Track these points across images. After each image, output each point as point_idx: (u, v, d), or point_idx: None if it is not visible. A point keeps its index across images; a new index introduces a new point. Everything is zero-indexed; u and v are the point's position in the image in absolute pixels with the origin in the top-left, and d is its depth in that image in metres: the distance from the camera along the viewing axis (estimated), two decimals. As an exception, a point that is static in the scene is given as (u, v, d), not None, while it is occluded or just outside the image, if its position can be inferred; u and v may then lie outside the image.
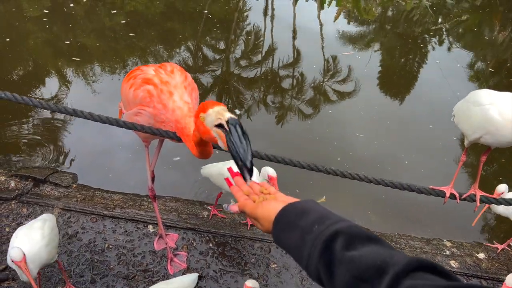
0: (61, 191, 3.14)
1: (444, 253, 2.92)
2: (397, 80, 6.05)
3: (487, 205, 2.75)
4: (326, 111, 4.97)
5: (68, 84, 4.91)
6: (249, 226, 3.00)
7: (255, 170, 2.78)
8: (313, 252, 0.74)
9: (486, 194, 1.94)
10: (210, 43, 6.36)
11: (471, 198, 1.94)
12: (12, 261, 1.93)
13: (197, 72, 5.42)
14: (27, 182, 3.17)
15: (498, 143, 1.83)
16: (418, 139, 4.52)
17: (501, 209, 2.76)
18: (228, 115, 1.16)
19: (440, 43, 7.42)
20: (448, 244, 3.01)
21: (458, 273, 2.80)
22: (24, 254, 1.95)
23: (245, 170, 1.02)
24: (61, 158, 3.90)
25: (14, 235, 2.15)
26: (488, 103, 1.79)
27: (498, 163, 4.26)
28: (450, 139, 4.48)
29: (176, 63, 5.50)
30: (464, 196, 1.95)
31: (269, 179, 2.56)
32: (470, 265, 2.86)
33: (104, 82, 4.96)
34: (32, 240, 2.11)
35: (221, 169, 2.77)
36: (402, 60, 6.74)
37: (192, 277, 2.43)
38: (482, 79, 6.24)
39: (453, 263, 2.85)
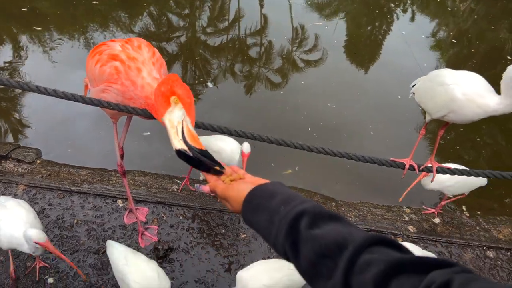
0: (24, 167, 3.07)
1: (403, 219, 3.10)
2: (368, 51, 6.14)
3: (417, 180, 2.82)
4: (297, 81, 5.00)
5: (25, 54, 4.68)
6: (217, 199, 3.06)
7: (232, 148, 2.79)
8: (280, 231, 0.79)
9: (441, 165, 2.06)
10: (175, 10, 6.18)
11: (428, 169, 2.06)
12: (36, 242, 1.96)
13: (161, 39, 5.28)
14: (-13, 159, 3.08)
15: (461, 120, 1.94)
16: (386, 109, 4.65)
17: (432, 185, 2.87)
18: (177, 144, 1.10)
19: (404, 11, 7.53)
20: (407, 210, 3.19)
21: (415, 237, 3.00)
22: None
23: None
24: (22, 132, 3.78)
25: None
26: (452, 83, 1.87)
27: (455, 133, 4.48)
28: (416, 110, 4.64)
29: (139, 31, 5.34)
30: (422, 167, 2.06)
31: (242, 154, 2.63)
32: (426, 229, 3.06)
33: (65, 51, 4.76)
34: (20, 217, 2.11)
35: (206, 141, 2.80)
36: (369, 27, 6.82)
37: None
38: (444, 50, 6.44)
39: (411, 228, 3.04)
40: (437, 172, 2.06)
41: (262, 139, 2.01)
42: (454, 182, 2.87)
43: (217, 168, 1.02)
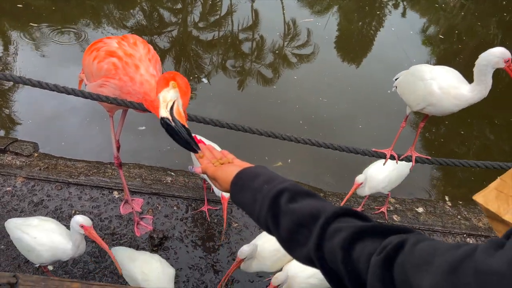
0: (22, 160, 3.15)
1: (388, 209, 3.24)
2: (359, 47, 6.24)
3: (351, 191, 2.86)
4: (290, 76, 5.10)
5: (22, 49, 4.73)
6: (211, 189, 3.17)
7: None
8: (263, 207, 0.90)
9: (420, 155, 2.19)
10: (166, 5, 6.25)
11: (408, 159, 2.19)
12: (82, 226, 2.06)
13: (154, 34, 5.35)
14: (-14, 152, 3.16)
15: (439, 112, 2.07)
16: (376, 103, 4.76)
17: (368, 191, 2.89)
18: (163, 112, 1.21)
19: (396, 6, 7.66)
20: (392, 200, 3.33)
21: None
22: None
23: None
24: (18, 126, 3.85)
25: (28, 238, 2.18)
26: (430, 78, 2.00)
27: (443, 126, 4.63)
28: (404, 104, 4.76)
29: (132, 26, 5.39)
30: (402, 157, 2.19)
31: (222, 198, 2.63)
32: (410, 218, 3.20)
33: (61, 46, 4.82)
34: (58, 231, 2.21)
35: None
36: (360, 23, 6.93)
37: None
38: (433, 46, 6.57)
39: (395, 217, 3.19)
40: (417, 161, 2.19)
41: (252, 131, 2.12)
42: (387, 182, 2.86)
43: (193, 146, 1.13)
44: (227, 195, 2.62)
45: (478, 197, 1.25)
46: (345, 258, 0.73)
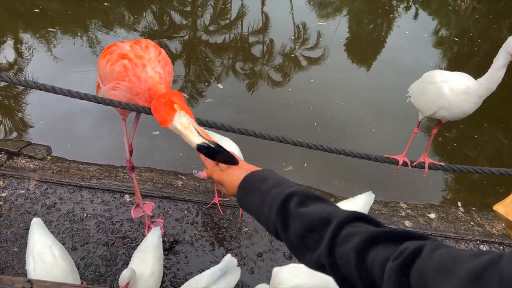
0: (36, 163, 3.19)
1: (400, 214, 3.21)
2: (376, 50, 6.21)
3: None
4: (307, 79, 5.09)
5: (38, 54, 4.80)
6: (222, 193, 3.17)
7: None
8: (272, 210, 0.89)
9: (433, 162, 2.17)
10: (177, 8, 6.30)
11: (421, 166, 2.16)
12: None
13: (164, 38, 5.39)
14: (0, 155, 3.20)
15: (451, 115, 2.04)
16: (393, 107, 4.71)
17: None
18: (197, 140, 1.18)
19: (408, 8, 7.61)
20: (404, 206, 3.30)
21: (411, 231, 3.10)
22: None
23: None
24: (31, 129, 3.90)
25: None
26: (441, 81, 1.99)
27: (452, 131, 4.58)
28: (417, 110, 4.71)
29: (147, 30, 5.44)
30: (414, 163, 2.17)
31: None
32: (422, 224, 3.17)
33: (77, 50, 4.88)
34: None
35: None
36: (372, 26, 6.90)
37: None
38: (448, 48, 6.51)
39: (407, 223, 3.15)
40: (430, 168, 2.16)
41: (263, 136, 2.12)
42: None
43: (234, 156, 1.09)
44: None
45: (499, 207, 1.23)
46: (359, 263, 0.72)
